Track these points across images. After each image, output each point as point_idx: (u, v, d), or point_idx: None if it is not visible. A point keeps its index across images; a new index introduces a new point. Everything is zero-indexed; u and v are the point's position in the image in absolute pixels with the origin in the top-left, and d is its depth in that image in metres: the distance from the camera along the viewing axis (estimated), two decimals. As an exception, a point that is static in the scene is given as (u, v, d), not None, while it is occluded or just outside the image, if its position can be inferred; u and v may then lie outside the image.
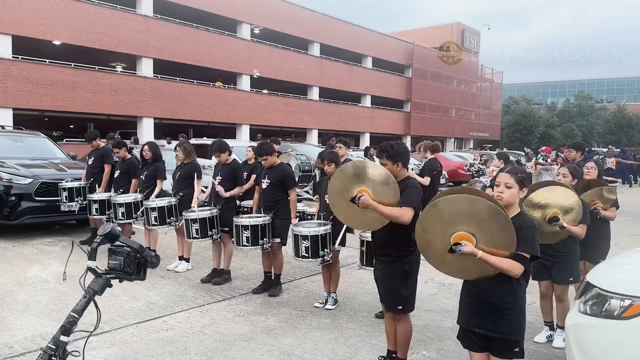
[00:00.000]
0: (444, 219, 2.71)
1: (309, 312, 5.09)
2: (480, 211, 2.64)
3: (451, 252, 2.65)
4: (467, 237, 2.63)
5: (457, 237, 2.65)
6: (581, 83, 76.16)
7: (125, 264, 1.89)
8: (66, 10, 20.28)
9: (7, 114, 18.95)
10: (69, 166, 8.95)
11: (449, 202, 2.73)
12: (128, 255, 1.89)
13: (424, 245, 2.82)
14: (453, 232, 2.67)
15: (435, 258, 2.80)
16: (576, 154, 7.17)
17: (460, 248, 2.59)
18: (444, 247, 2.69)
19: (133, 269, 1.91)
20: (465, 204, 2.68)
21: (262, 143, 6.11)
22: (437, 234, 2.73)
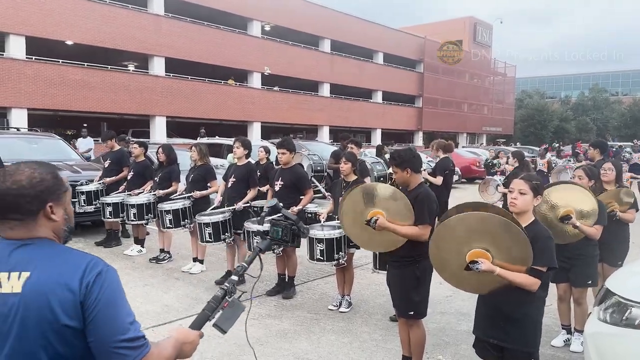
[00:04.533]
0: (457, 237, 2.69)
1: (323, 315, 5.09)
2: (492, 226, 2.62)
3: (467, 270, 2.63)
4: (482, 255, 2.60)
5: (473, 254, 2.62)
6: (595, 76, 75.06)
7: (284, 234, 2.20)
8: (78, 11, 20.44)
9: (22, 114, 19.20)
10: (84, 168, 9.03)
11: (460, 220, 2.71)
12: (286, 226, 2.18)
13: (440, 264, 2.82)
14: (468, 249, 2.64)
15: (452, 277, 2.79)
16: (594, 151, 7.04)
17: (477, 266, 2.56)
18: (459, 265, 2.67)
19: (289, 237, 2.21)
20: (476, 221, 2.67)
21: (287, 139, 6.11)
22: (451, 252, 2.71)
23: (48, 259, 1.37)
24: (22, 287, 1.32)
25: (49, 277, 1.33)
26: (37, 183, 1.41)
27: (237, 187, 6.08)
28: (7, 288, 1.33)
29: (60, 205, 1.46)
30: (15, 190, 1.38)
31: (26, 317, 1.31)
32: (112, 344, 1.33)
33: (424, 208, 3.47)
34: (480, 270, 2.57)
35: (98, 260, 1.44)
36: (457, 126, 43.41)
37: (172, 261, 7.09)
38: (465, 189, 18.14)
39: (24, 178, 1.40)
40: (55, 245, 1.45)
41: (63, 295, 1.32)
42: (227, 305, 1.75)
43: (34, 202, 1.40)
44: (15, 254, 1.37)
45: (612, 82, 74.46)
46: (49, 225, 1.44)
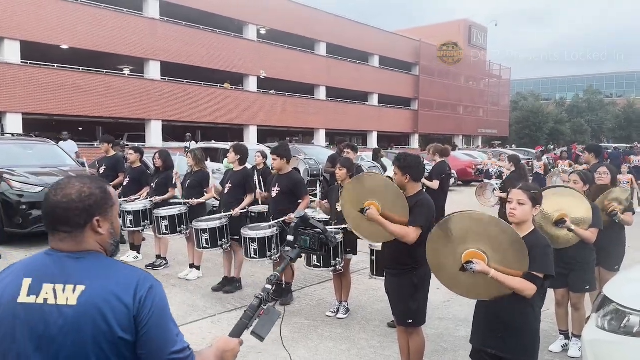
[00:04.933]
0: (453, 238, 2.69)
1: (320, 321, 5.07)
2: (488, 227, 2.61)
3: (463, 271, 2.62)
4: (478, 255, 2.60)
5: (468, 255, 2.62)
6: (590, 78, 75.47)
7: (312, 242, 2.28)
8: (73, 15, 20.39)
9: (17, 119, 19.11)
10: (79, 174, 8.98)
11: (456, 220, 2.71)
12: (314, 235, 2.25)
13: (436, 265, 2.81)
14: (464, 250, 2.64)
15: (447, 278, 2.78)
16: (589, 155, 7.07)
17: (471, 266, 2.55)
18: (455, 265, 2.66)
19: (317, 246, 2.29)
20: (473, 221, 2.66)
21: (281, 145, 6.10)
22: (448, 253, 2.71)
23: (101, 273, 1.43)
24: (77, 299, 1.37)
25: (103, 290, 1.39)
26: (86, 197, 1.46)
27: (234, 192, 6.06)
28: (62, 300, 1.38)
29: (107, 220, 1.50)
30: (65, 203, 1.44)
31: (82, 329, 1.36)
32: (164, 356, 1.41)
33: (421, 212, 3.46)
34: (475, 271, 2.56)
35: (148, 274, 1.51)
36: (452, 128, 43.52)
37: (168, 267, 7.06)
38: (462, 191, 18.18)
39: (74, 192, 1.45)
40: (105, 259, 1.50)
41: (118, 309, 1.37)
42: (262, 313, 1.81)
43: (82, 215, 1.45)
44: (69, 266, 1.42)
45: (607, 84, 74.90)
46: (96, 238, 1.48)
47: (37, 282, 1.41)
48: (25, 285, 1.41)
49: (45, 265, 1.44)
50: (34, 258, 1.49)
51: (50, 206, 1.45)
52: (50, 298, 1.38)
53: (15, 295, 1.40)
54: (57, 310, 1.37)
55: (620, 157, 19.02)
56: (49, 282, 1.40)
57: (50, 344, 1.37)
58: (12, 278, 1.44)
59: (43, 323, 1.37)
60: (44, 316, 1.37)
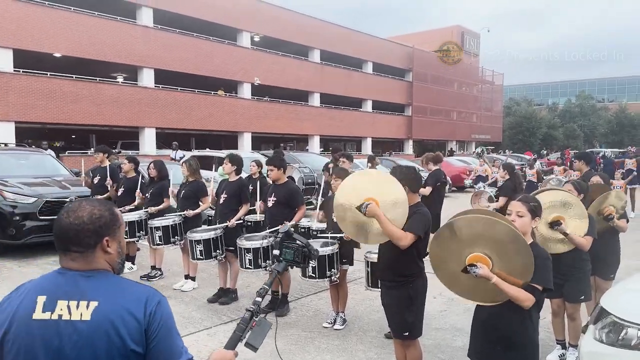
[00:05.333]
0: (461, 238, 2.65)
1: (317, 332, 5.05)
2: (499, 234, 2.58)
3: (465, 272, 2.60)
4: (483, 259, 2.58)
5: (473, 258, 2.59)
6: (582, 83, 76.15)
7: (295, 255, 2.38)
8: (66, 23, 20.34)
9: (9, 128, 18.99)
10: (73, 183, 8.94)
11: (467, 221, 2.68)
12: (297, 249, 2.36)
13: (438, 262, 2.78)
14: (469, 252, 2.62)
15: (447, 277, 2.76)
16: (580, 163, 7.09)
17: (475, 270, 2.53)
18: (458, 266, 2.64)
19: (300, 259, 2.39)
20: (485, 225, 2.62)
21: (276, 156, 6.08)
22: (452, 252, 2.68)
23: (112, 289, 1.52)
24: (91, 315, 1.46)
25: (116, 306, 1.48)
26: (96, 219, 1.56)
27: (229, 203, 6.04)
28: (77, 316, 1.46)
29: (115, 240, 1.60)
30: (77, 225, 1.53)
31: (96, 343, 1.44)
32: None
33: (418, 221, 3.44)
34: (477, 275, 2.54)
35: (155, 290, 1.61)
36: (446, 134, 43.69)
37: (163, 278, 7.02)
38: (456, 197, 18.20)
39: (85, 214, 1.55)
40: (114, 276, 1.60)
41: (130, 323, 1.47)
42: (255, 324, 1.89)
43: (93, 236, 1.55)
44: (82, 284, 1.51)
45: (598, 88, 75.51)
46: (105, 257, 1.58)
47: (51, 299, 1.49)
48: (40, 303, 1.49)
49: (59, 283, 1.52)
50: (46, 277, 1.57)
51: (63, 228, 1.54)
52: (65, 314, 1.47)
53: (30, 312, 1.48)
54: (72, 325, 1.45)
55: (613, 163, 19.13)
56: (63, 299, 1.48)
57: (64, 358, 1.44)
58: (26, 296, 1.52)
59: (58, 338, 1.45)
60: (59, 331, 1.45)
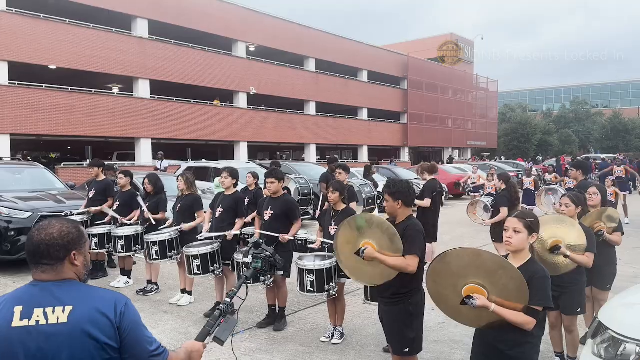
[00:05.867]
0: (453, 272, 2.70)
1: (315, 347, 5.02)
2: (487, 262, 2.63)
3: (463, 305, 2.62)
4: (478, 290, 2.60)
5: (469, 289, 2.62)
6: (576, 89, 76.59)
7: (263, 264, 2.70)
8: (61, 35, 20.35)
9: (4, 140, 18.94)
10: (68, 197, 8.90)
11: (455, 255, 2.72)
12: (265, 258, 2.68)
13: (437, 297, 2.81)
14: (464, 284, 2.64)
15: (450, 310, 2.78)
16: (577, 172, 7.13)
17: (472, 302, 2.56)
18: (456, 299, 2.66)
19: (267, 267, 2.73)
20: (471, 256, 2.67)
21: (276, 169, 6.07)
22: (448, 286, 2.71)
23: (83, 295, 1.73)
24: (67, 317, 1.65)
25: (88, 309, 1.68)
26: (65, 235, 1.75)
27: (225, 217, 6.02)
28: (54, 319, 1.65)
29: (81, 254, 1.81)
30: (47, 241, 1.73)
31: (75, 342, 1.64)
32: (145, 355, 1.75)
33: (414, 240, 3.45)
34: (475, 306, 2.57)
35: (120, 294, 1.84)
36: (442, 141, 43.83)
37: (159, 292, 6.98)
38: (453, 205, 18.23)
39: (55, 231, 1.75)
40: (82, 284, 1.80)
41: (102, 322, 1.68)
42: (223, 321, 2.13)
43: (62, 250, 1.74)
44: (55, 292, 1.70)
45: (592, 94, 75.96)
46: (72, 269, 1.78)
47: (27, 309, 1.66)
48: (17, 312, 1.66)
49: (33, 293, 1.70)
50: (20, 290, 1.75)
51: (35, 244, 1.73)
52: (41, 320, 1.65)
53: (9, 321, 1.65)
54: (51, 328, 1.64)
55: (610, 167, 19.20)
56: (38, 306, 1.66)
57: (44, 357, 1.63)
58: (3, 308, 1.68)
59: (35, 341, 1.63)
60: (36, 335, 1.63)
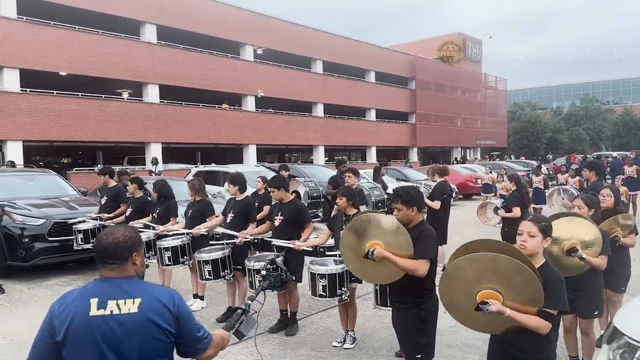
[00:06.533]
0: (467, 277, 2.67)
1: (327, 352, 5.02)
2: (503, 267, 2.60)
3: (478, 311, 2.60)
4: (493, 295, 2.58)
5: (483, 295, 2.60)
6: (586, 85, 75.92)
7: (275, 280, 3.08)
8: (71, 42, 20.56)
9: (17, 147, 19.16)
10: (80, 203, 8.98)
11: (470, 260, 2.69)
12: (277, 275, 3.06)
13: (449, 303, 2.79)
14: (478, 290, 2.63)
15: (462, 316, 2.76)
16: (590, 173, 7.08)
17: (487, 308, 2.54)
18: (469, 305, 2.65)
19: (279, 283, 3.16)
20: (487, 261, 2.65)
21: (276, 177, 6.10)
22: (461, 292, 2.69)
23: (147, 289, 2.09)
24: (137, 308, 2.00)
25: (153, 301, 2.04)
26: (128, 239, 2.10)
27: (236, 222, 6.05)
28: (125, 310, 1.99)
29: (140, 255, 2.16)
30: (115, 244, 2.07)
31: (143, 328, 1.99)
32: (197, 341, 2.15)
33: (426, 244, 3.43)
34: (491, 312, 2.56)
35: (175, 290, 2.24)
36: (451, 141, 43.64)
37: (172, 298, 7.01)
38: (463, 205, 18.16)
39: (120, 235, 2.10)
40: (142, 281, 2.17)
41: (164, 312, 2.04)
42: (245, 319, 2.51)
43: (126, 252, 2.08)
44: (125, 287, 2.05)
45: (603, 91, 75.27)
46: (133, 268, 2.12)
47: (102, 300, 2.00)
48: (94, 304, 1.99)
49: (104, 288, 2.04)
50: (90, 285, 2.09)
51: (104, 246, 2.07)
52: (115, 310, 1.99)
53: (87, 311, 1.98)
54: (123, 317, 1.98)
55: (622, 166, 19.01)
56: (111, 299, 2.00)
57: (118, 343, 1.96)
58: (80, 300, 2.00)
59: (111, 328, 1.96)
60: (112, 323, 1.97)
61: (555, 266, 2.90)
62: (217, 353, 2.27)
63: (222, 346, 2.33)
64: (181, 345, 2.12)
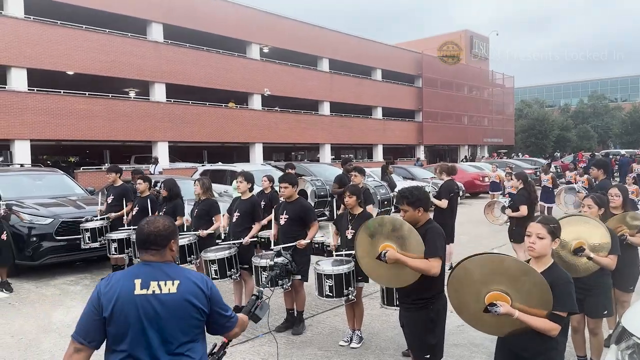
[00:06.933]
0: (475, 279, 2.66)
1: (334, 351, 5.02)
2: (510, 269, 2.59)
3: (486, 312, 2.59)
4: (501, 297, 2.57)
5: (492, 297, 2.59)
6: (594, 83, 75.38)
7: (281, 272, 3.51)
8: (78, 41, 20.64)
9: (25, 146, 19.29)
10: (87, 202, 9.01)
11: (477, 263, 2.68)
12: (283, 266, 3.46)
13: (458, 306, 2.78)
14: (487, 292, 2.61)
15: (471, 318, 2.75)
16: (598, 171, 7.03)
17: (496, 309, 2.53)
18: (478, 307, 2.63)
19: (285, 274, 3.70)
20: (494, 263, 2.63)
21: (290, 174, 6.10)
22: (470, 294, 2.68)
23: (184, 273, 2.32)
24: (176, 289, 2.23)
25: (190, 283, 2.27)
26: (167, 228, 2.34)
27: (242, 221, 6.06)
28: (166, 290, 2.23)
29: (175, 243, 2.40)
30: (155, 232, 2.30)
31: (181, 307, 2.22)
32: (226, 319, 2.39)
33: (435, 242, 3.42)
34: (499, 314, 2.54)
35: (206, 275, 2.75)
36: (458, 139, 43.46)
37: (179, 296, 7.03)
38: (470, 204, 18.08)
39: (160, 225, 2.33)
40: (178, 266, 2.40)
41: (199, 293, 2.27)
42: (259, 304, 2.74)
43: (165, 239, 2.32)
44: (165, 270, 2.28)
45: (611, 88, 74.69)
46: (170, 254, 2.35)
47: (145, 281, 2.22)
48: (137, 284, 2.21)
49: (146, 270, 2.26)
50: (135, 267, 2.33)
51: (145, 233, 2.30)
52: (156, 290, 2.22)
53: (132, 290, 2.20)
54: (164, 296, 2.20)
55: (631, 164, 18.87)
56: (153, 280, 2.23)
57: (159, 320, 2.18)
58: (125, 280, 2.23)
59: (152, 306, 2.18)
60: (154, 301, 2.19)
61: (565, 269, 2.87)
62: (241, 332, 2.57)
63: (243, 328, 2.58)
64: (212, 324, 2.36)
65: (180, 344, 2.22)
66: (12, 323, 6.03)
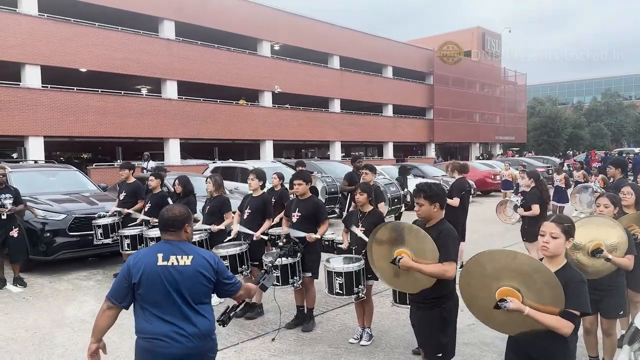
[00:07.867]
0: (487, 274, 2.65)
1: (344, 349, 5.02)
2: (522, 266, 2.57)
3: (497, 308, 2.57)
4: (512, 293, 2.55)
5: (502, 292, 2.57)
6: (608, 80, 74.41)
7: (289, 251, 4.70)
8: (91, 39, 20.82)
9: (38, 142, 19.52)
10: (100, 199, 9.10)
11: (489, 257, 2.67)
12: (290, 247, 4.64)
13: (470, 300, 2.77)
14: (497, 287, 2.60)
15: (481, 314, 2.74)
16: (615, 170, 6.96)
17: (505, 305, 2.51)
18: (489, 302, 2.62)
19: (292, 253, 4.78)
20: (507, 259, 2.62)
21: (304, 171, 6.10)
22: (481, 289, 2.67)
23: (196, 250, 2.91)
24: (190, 262, 2.82)
25: (200, 258, 2.86)
26: (182, 214, 2.91)
27: (253, 218, 6.07)
28: (182, 262, 2.81)
29: (190, 226, 2.97)
30: (173, 217, 2.89)
31: (195, 275, 2.81)
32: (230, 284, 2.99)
33: (448, 244, 3.40)
34: (509, 309, 2.52)
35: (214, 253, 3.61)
36: (469, 136, 43.18)
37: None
38: (481, 202, 17.98)
39: (177, 212, 2.91)
40: (191, 245, 2.99)
41: (207, 266, 2.85)
42: (267, 276, 3.48)
43: (181, 223, 2.90)
44: (182, 247, 2.88)
45: (625, 86, 73.68)
46: (185, 235, 2.94)
47: (166, 255, 2.82)
48: (160, 257, 2.81)
49: (167, 247, 2.86)
50: (157, 244, 2.94)
51: (165, 218, 2.89)
52: (175, 262, 2.80)
53: (155, 262, 2.79)
54: (181, 267, 2.79)
55: None
56: (172, 254, 2.83)
57: (177, 284, 2.77)
58: (150, 255, 2.83)
59: (171, 275, 2.77)
60: (173, 271, 2.78)
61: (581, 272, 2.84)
62: (247, 295, 3.17)
63: (249, 293, 3.19)
64: (220, 290, 2.96)
65: (195, 302, 2.81)
66: (26, 317, 6.11)
